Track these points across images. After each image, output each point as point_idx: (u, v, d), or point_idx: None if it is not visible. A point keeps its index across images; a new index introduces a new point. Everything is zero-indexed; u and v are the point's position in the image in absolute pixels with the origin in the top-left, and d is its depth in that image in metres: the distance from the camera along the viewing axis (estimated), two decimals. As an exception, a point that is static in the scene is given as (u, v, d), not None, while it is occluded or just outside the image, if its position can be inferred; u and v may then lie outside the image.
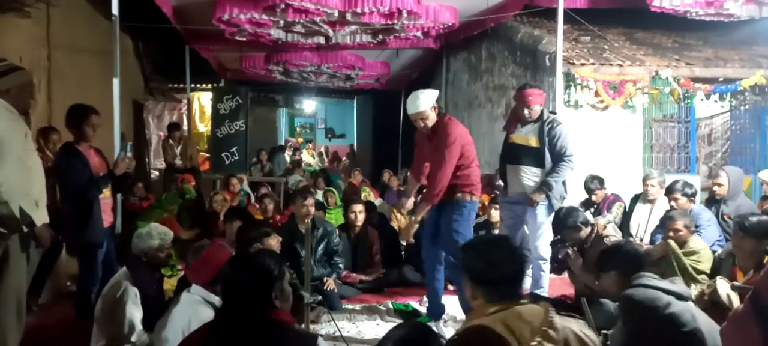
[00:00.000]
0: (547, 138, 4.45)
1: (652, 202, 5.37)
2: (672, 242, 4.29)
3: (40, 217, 3.10)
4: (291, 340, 2.02)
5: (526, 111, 4.54)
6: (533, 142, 4.52)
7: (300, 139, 20.51)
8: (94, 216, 3.90)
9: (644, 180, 5.44)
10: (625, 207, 5.77)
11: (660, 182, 5.37)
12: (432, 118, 3.97)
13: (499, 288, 1.94)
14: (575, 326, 1.91)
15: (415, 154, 4.38)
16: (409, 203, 4.39)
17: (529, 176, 4.55)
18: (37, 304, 4.51)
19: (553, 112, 4.81)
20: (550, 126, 4.49)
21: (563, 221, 4.23)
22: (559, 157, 4.44)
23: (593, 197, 5.98)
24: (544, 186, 4.45)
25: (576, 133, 6.59)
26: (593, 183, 5.98)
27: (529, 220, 4.63)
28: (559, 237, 4.43)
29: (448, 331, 4.08)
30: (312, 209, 5.02)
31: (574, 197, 5.83)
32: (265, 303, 2.01)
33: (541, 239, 4.54)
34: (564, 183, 4.57)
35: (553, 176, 4.44)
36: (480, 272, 1.97)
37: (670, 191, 5.06)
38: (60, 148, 4.08)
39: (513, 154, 4.67)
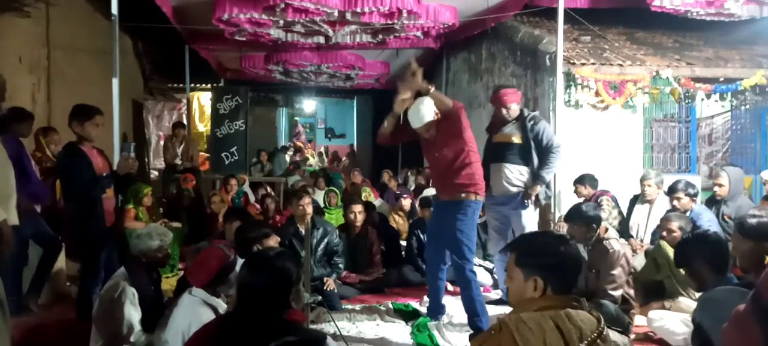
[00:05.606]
0: (530, 134, 4.49)
1: (650, 202, 5.35)
2: (664, 243, 4.27)
3: None
4: (301, 339, 2.06)
5: (504, 111, 4.60)
6: (516, 138, 4.55)
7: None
8: (96, 216, 3.90)
9: (641, 180, 5.42)
10: (615, 201, 5.72)
11: (657, 182, 5.34)
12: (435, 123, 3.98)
13: (556, 277, 1.90)
14: (621, 341, 1.90)
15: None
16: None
17: (514, 173, 4.55)
18: (36, 304, 4.51)
19: (533, 112, 4.84)
20: (532, 122, 4.52)
21: (584, 213, 4.08)
22: (547, 150, 4.47)
23: (580, 192, 5.91)
24: (538, 180, 4.47)
25: (576, 133, 6.62)
26: (581, 182, 5.94)
27: (514, 220, 4.64)
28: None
29: (447, 331, 4.07)
30: (308, 209, 4.98)
31: (571, 198, 5.83)
32: (282, 305, 2.07)
33: None
34: (547, 183, 4.58)
35: (545, 169, 4.49)
36: (538, 260, 1.92)
37: (672, 191, 5.05)
38: (63, 148, 4.08)
39: (496, 153, 4.68)
